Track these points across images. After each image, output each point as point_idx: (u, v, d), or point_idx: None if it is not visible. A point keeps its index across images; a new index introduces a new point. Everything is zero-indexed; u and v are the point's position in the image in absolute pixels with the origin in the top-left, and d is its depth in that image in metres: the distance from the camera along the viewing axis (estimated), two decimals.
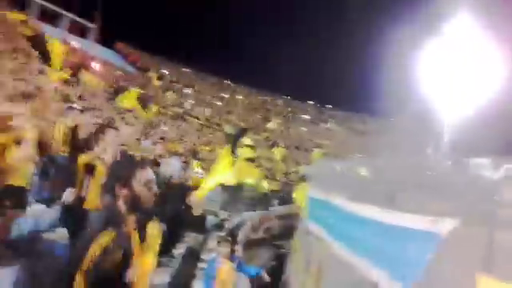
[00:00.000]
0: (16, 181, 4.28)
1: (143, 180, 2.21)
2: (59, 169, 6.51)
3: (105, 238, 2.19)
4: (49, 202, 6.15)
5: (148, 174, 2.14)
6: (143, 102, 26.59)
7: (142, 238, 2.43)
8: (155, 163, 11.11)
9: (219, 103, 46.71)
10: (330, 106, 59.82)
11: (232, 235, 6.65)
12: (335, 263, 4.87)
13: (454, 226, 3.06)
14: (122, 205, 2.26)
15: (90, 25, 47.69)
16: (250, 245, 6.74)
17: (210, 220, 9.19)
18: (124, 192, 2.26)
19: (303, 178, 10.49)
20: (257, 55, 71.32)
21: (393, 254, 3.46)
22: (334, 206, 6.26)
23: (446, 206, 4.00)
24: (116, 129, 9.34)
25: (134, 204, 2.24)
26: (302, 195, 7.84)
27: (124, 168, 2.34)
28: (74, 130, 7.10)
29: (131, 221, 2.28)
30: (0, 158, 3.20)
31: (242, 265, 5.50)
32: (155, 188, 2.08)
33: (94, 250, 2.18)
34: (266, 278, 5.26)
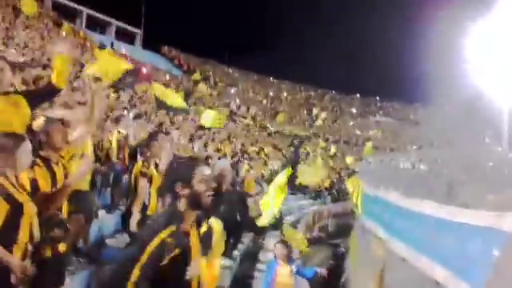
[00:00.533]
0: (81, 186, 4.48)
1: (201, 177, 2.29)
2: (117, 176, 6.79)
3: (165, 234, 2.27)
4: (110, 208, 6.44)
5: (205, 171, 2.21)
6: (190, 102, 27.17)
7: (203, 237, 2.51)
8: (206, 164, 11.31)
9: (264, 101, 46.79)
10: (378, 98, 58.30)
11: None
12: (395, 261, 4.78)
13: None
14: (182, 204, 2.34)
15: (136, 30, 49.29)
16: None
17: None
18: (185, 191, 2.35)
19: (356, 174, 10.32)
20: (298, 51, 70.79)
21: (456, 252, 3.36)
22: (390, 201, 6.14)
23: (507, 197, 3.82)
24: (168, 133, 9.61)
25: (195, 202, 2.34)
26: (355, 191, 7.73)
27: (182, 168, 2.40)
28: (128, 138, 7.38)
29: (191, 218, 2.36)
30: (63, 171, 3.36)
31: (299, 267, 5.48)
32: (213, 184, 2.14)
33: (153, 245, 2.27)
34: (325, 275, 5.22)
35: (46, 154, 3.17)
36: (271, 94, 50.91)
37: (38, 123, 3.22)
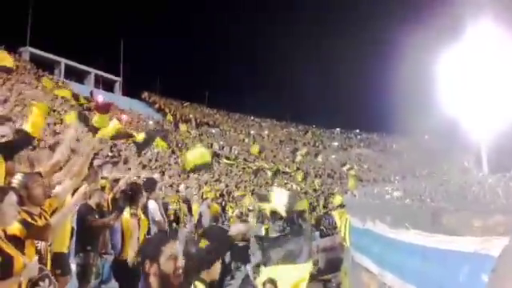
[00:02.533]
0: (61, 249, 4.49)
1: (169, 254, 2.14)
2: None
3: None
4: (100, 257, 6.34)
5: (173, 247, 2.11)
6: (173, 147, 27.17)
7: None
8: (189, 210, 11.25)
9: (246, 140, 47.06)
10: (358, 131, 59.33)
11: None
12: None
13: (505, 244, 2.98)
14: (153, 284, 2.21)
15: (115, 78, 49.71)
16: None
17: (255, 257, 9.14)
18: (152, 270, 2.22)
19: (342, 208, 10.37)
20: (276, 89, 72.20)
21: (445, 280, 3.38)
22: (378, 234, 6.16)
23: (493, 222, 3.90)
24: (153, 180, 9.56)
25: (164, 283, 2.18)
26: (342, 225, 7.75)
27: (149, 245, 2.33)
28: (114, 185, 7.35)
29: None
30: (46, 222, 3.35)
31: None
32: (180, 262, 2.01)
33: None
34: None
35: (27, 209, 3.15)
36: (252, 132, 51.30)
37: (17, 178, 3.21)
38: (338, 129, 59.34)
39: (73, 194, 3.63)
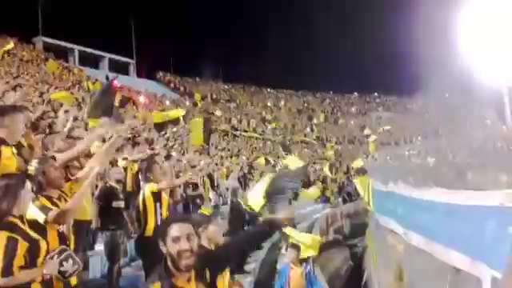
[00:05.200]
0: (83, 216, 4.59)
1: (174, 236, 2.08)
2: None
3: None
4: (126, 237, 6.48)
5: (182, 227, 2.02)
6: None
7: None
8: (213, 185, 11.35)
9: (263, 112, 46.94)
10: (376, 94, 58.39)
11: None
12: (413, 253, 4.73)
13: None
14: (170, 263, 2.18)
15: (129, 60, 49.85)
16: (323, 248, 6.67)
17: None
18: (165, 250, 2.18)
19: (364, 172, 10.29)
20: (291, 58, 71.21)
21: (471, 235, 3.32)
22: (401, 195, 6.10)
23: None
24: (169, 156, 9.64)
25: (174, 264, 2.14)
26: (365, 190, 7.70)
27: (161, 226, 2.33)
28: (134, 165, 7.44)
29: (184, 276, 2.18)
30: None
31: (310, 271, 5.50)
32: (192, 242, 1.94)
33: None
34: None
35: (47, 193, 3.20)
36: (269, 104, 51.08)
37: (33, 165, 3.25)
38: (355, 93, 58.53)
39: None
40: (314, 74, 64.64)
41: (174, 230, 2.11)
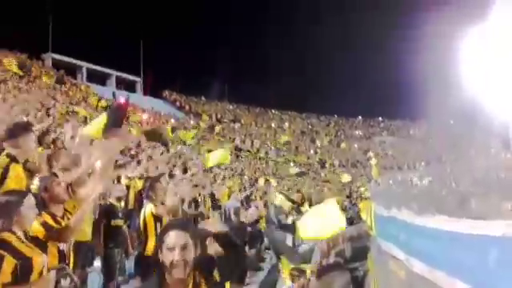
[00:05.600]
0: (83, 238, 4.59)
1: (168, 246, 2.03)
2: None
3: None
4: (125, 254, 6.45)
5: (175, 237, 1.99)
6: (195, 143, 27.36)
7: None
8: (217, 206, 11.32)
9: (267, 133, 47.08)
10: (380, 119, 58.51)
11: (303, 263, 6.56)
12: (415, 280, 4.67)
13: None
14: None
15: (136, 79, 50.40)
16: (323, 271, 6.58)
17: (280, 247, 9.15)
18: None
19: (366, 196, 10.25)
20: (297, 80, 71.68)
21: (475, 265, 3.29)
22: (404, 221, 6.07)
23: None
24: (172, 176, 9.65)
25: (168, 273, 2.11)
26: (368, 214, 7.64)
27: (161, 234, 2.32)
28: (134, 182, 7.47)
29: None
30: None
31: None
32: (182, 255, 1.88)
33: None
34: None
35: (50, 210, 3.22)
36: (273, 125, 51.25)
37: (35, 183, 3.29)
38: (359, 117, 58.68)
39: None
40: (319, 98, 65.09)
41: (171, 238, 2.06)
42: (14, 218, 2.74)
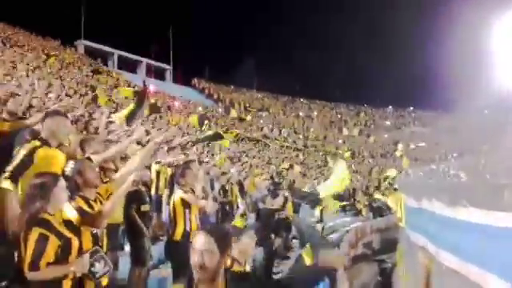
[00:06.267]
0: (115, 220, 4.71)
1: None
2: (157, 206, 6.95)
3: None
4: (153, 240, 6.58)
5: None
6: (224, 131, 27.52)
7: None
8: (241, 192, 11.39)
9: (295, 122, 46.85)
10: (411, 108, 57.26)
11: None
12: (445, 273, 4.60)
13: None
14: None
15: (165, 66, 50.98)
16: (351, 262, 6.54)
17: (310, 236, 9.15)
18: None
19: (396, 187, 10.10)
20: (326, 69, 70.73)
21: (507, 257, 3.21)
22: (434, 212, 5.96)
23: None
24: (202, 162, 9.77)
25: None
26: (397, 205, 7.56)
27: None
28: (165, 168, 7.59)
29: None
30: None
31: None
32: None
33: None
34: None
35: (84, 194, 3.31)
36: (301, 114, 50.95)
37: (69, 166, 3.39)
38: (390, 107, 57.59)
39: None
40: (348, 87, 64.11)
41: (197, 241, 2.15)
42: (49, 199, 2.85)
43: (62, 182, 3.00)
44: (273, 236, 8.26)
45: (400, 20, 52.08)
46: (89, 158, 3.70)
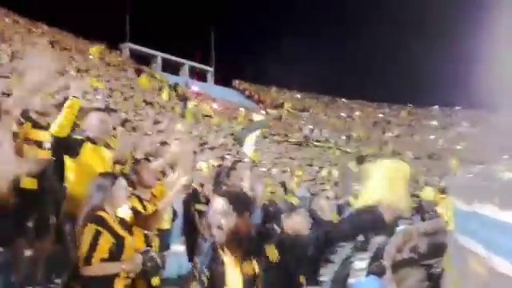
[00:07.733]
0: (164, 226, 4.81)
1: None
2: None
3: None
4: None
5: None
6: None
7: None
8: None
9: (337, 123, 46.26)
10: (459, 108, 55.17)
11: (376, 257, 6.45)
12: (497, 278, 4.41)
13: None
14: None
15: (207, 68, 51.77)
16: (397, 267, 6.42)
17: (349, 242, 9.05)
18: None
19: (444, 190, 9.77)
20: (367, 68, 69.44)
21: None
22: (486, 216, 5.71)
23: None
24: (246, 162, 9.84)
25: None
26: (445, 208, 7.32)
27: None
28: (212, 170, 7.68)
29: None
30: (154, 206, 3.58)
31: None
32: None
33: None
34: None
35: (138, 193, 3.41)
36: (343, 114, 50.23)
37: (127, 165, 3.50)
38: (436, 106, 55.73)
39: None
40: (391, 86, 62.68)
41: (213, 204, 2.27)
42: (107, 198, 2.96)
43: (122, 182, 3.09)
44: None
45: (443, 18, 50.37)
46: (147, 159, 3.80)
